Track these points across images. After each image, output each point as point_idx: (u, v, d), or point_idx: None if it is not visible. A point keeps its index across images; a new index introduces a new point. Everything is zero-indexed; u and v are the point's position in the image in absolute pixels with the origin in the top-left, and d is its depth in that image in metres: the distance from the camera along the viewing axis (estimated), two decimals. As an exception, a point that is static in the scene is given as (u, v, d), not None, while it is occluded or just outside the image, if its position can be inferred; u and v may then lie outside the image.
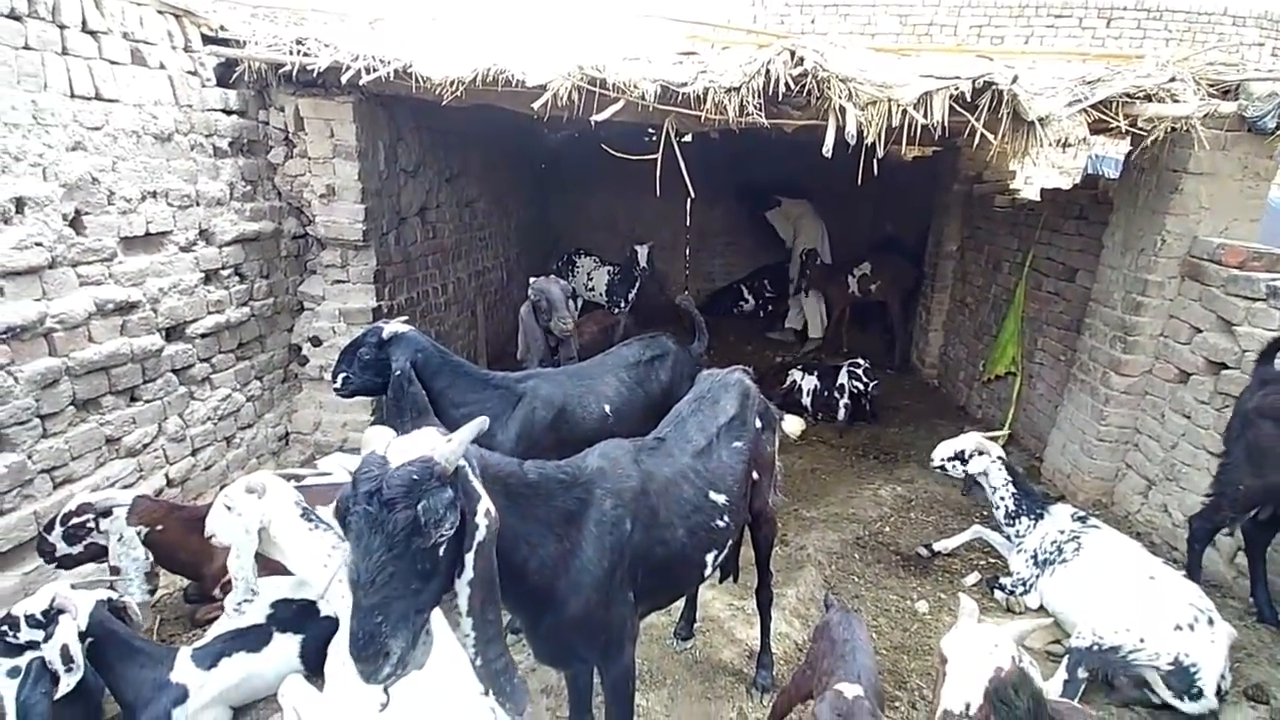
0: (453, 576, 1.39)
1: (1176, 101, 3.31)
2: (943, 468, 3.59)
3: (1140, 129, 3.37)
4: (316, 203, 4.08)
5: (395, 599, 1.28)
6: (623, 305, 6.69)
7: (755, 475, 2.38)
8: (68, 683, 2.27)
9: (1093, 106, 3.20)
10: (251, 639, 2.53)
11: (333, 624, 2.45)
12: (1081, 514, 3.29)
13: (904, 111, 2.99)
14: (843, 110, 3.00)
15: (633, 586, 1.85)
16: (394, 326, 2.86)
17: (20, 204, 2.70)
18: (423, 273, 5.05)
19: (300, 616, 2.62)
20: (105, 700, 2.45)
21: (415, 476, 1.29)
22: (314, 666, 2.48)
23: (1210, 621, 2.64)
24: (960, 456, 3.52)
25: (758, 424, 2.42)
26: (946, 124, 3.08)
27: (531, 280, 3.88)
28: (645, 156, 3.47)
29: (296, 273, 4.32)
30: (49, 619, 2.31)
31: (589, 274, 7.06)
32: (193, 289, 3.52)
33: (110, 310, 3.06)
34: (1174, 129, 3.31)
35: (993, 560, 3.66)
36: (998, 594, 3.30)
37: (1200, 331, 3.54)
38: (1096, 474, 4.10)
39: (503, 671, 1.49)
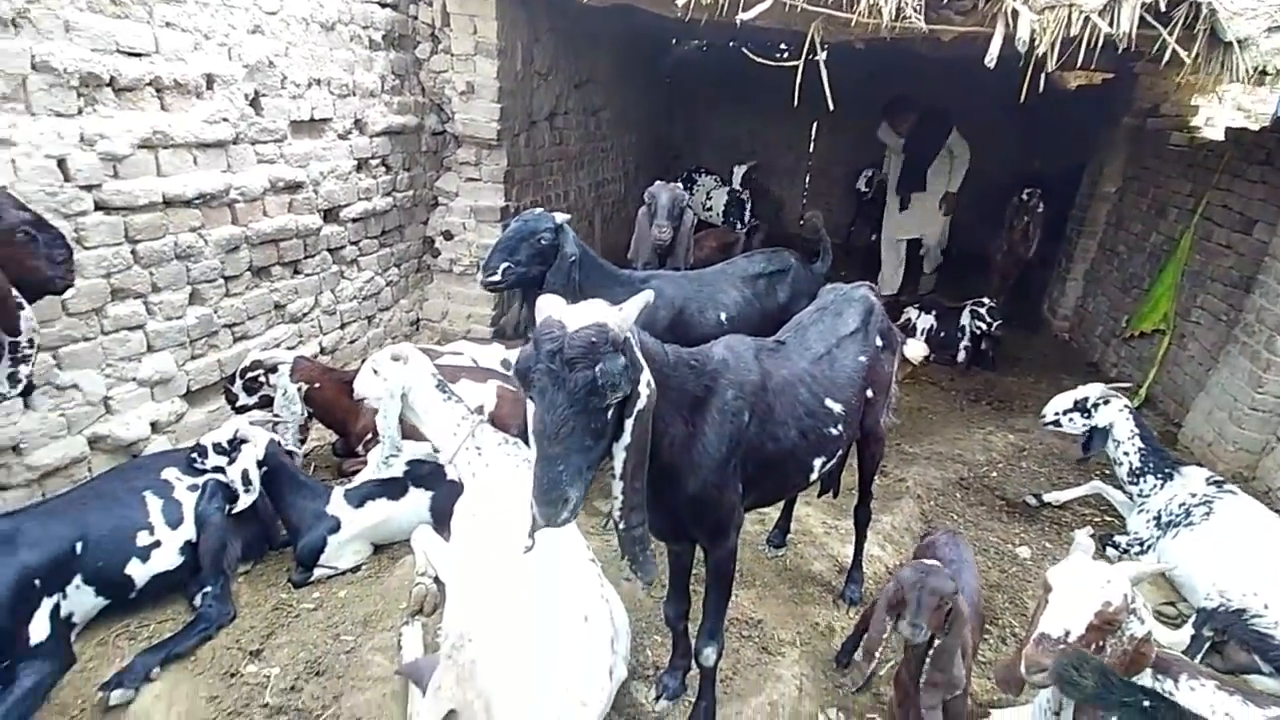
0: (614, 440, 1.45)
1: None
2: (1056, 422, 3.35)
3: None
4: (456, 100, 4.24)
5: (574, 451, 1.35)
6: (739, 226, 6.57)
7: (871, 393, 2.36)
8: (246, 501, 2.68)
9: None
10: (393, 489, 2.86)
11: (457, 486, 2.71)
12: (1218, 479, 3.07)
13: (1086, 18, 2.69)
14: (1014, 14, 2.74)
15: (742, 477, 1.91)
16: (560, 215, 2.88)
17: (210, 80, 2.98)
18: (548, 178, 5.17)
19: (432, 476, 2.92)
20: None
21: (594, 339, 1.34)
22: (441, 520, 2.77)
23: (1350, 602, 2.46)
24: (1082, 406, 3.30)
25: (878, 341, 2.40)
26: (1134, 37, 2.75)
27: (655, 183, 3.86)
28: (787, 63, 3.32)
29: (434, 168, 4.54)
30: (233, 447, 2.70)
31: (709, 193, 6.96)
32: (347, 175, 3.79)
33: (281, 188, 3.37)
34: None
35: (1110, 519, 3.50)
36: (1110, 552, 3.17)
37: (1402, 297, 3.10)
38: (1242, 445, 3.77)
39: (639, 540, 1.56)
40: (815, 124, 8.40)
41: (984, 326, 5.28)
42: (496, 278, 2.81)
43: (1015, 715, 2.26)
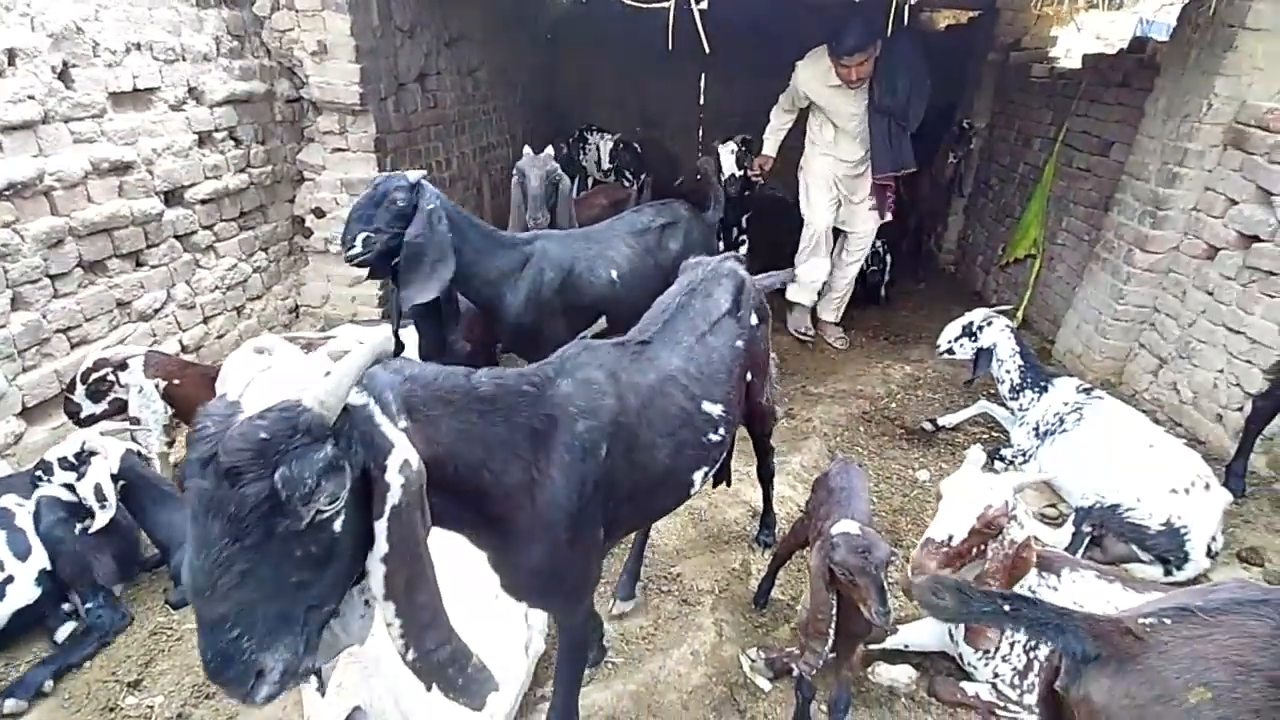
0: (364, 553, 1.07)
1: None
2: (950, 350, 3.53)
3: (1200, -27, 3.07)
4: (309, 61, 3.87)
5: (260, 600, 0.95)
6: (627, 183, 6.45)
7: (751, 375, 2.16)
8: (103, 518, 2.41)
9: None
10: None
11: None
12: (1087, 387, 3.29)
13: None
14: (877, -52, 2.73)
15: (604, 520, 1.57)
16: (414, 173, 2.61)
17: (12, 55, 2.58)
18: (425, 145, 4.86)
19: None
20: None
21: (265, 435, 0.92)
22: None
23: (1207, 487, 2.70)
24: (969, 331, 3.47)
25: (753, 320, 2.14)
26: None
27: (525, 151, 3.67)
28: (659, 4, 3.21)
29: (294, 140, 4.17)
30: (81, 461, 2.41)
31: (599, 151, 6.79)
32: (186, 151, 3.40)
33: (106, 170, 2.98)
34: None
35: (997, 435, 3.71)
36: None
37: (1236, 204, 3.38)
38: (1108, 353, 4.07)
39: (449, 662, 1.17)
40: (703, 75, 8.34)
41: (878, 268, 5.46)
42: (357, 249, 2.54)
43: (920, 628, 2.37)
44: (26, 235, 2.69)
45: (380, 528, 1.05)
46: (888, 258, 5.55)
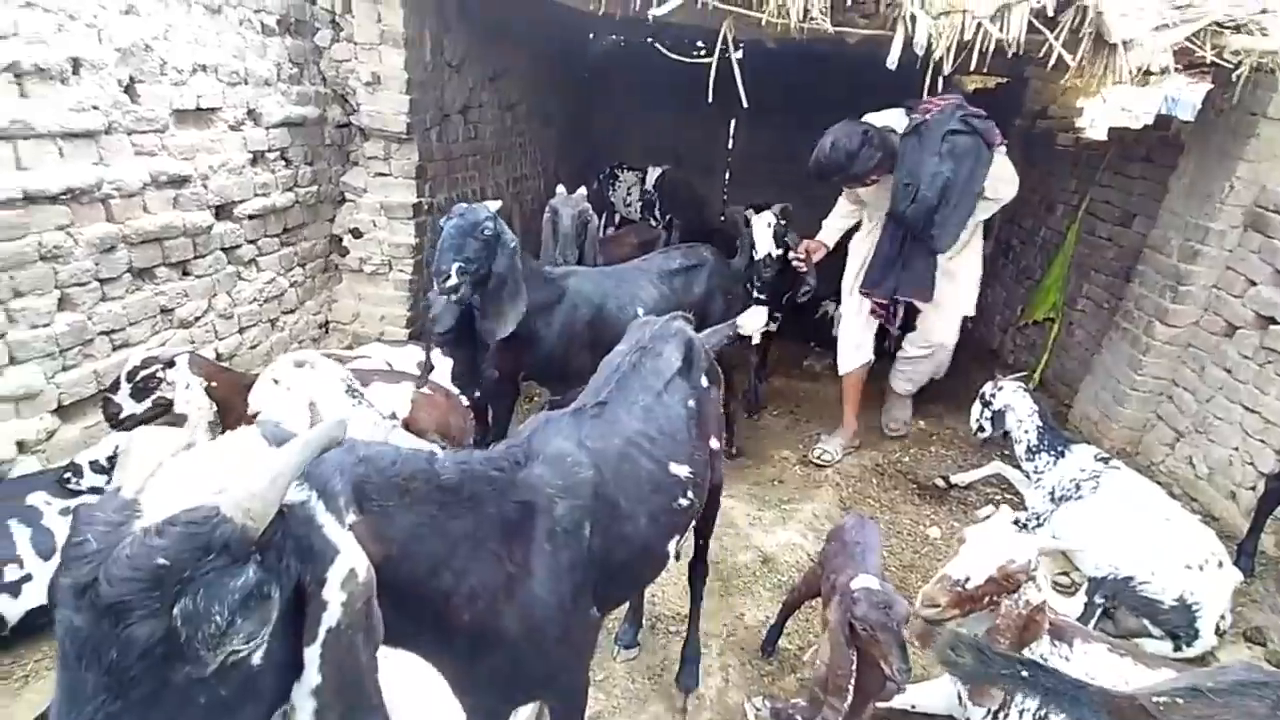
0: (288, 685, 0.85)
1: (1265, 35, 3.09)
2: (982, 427, 3.56)
3: (1225, 61, 3.17)
4: (361, 90, 4.03)
5: None
6: (654, 224, 6.59)
7: (714, 444, 2.04)
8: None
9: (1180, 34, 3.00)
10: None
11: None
12: (1104, 455, 3.30)
13: (979, 25, 2.83)
14: (913, 19, 2.85)
15: (594, 601, 1.47)
16: (492, 204, 2.65)
17: (77, 64, 2.71)
18: (463, 174, 5.02)
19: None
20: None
21: (164, 560, 0.70)
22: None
23: (1220, 565, 2.70)
24: (984, 400, 3.53)
25: (703, 381, 2.01)
26: (1022, 42, 2.92)
27: (559, 189, 3.79)
28: (700, 60, 3.34)
29: (339, 163, 4.32)
30: (113, 465, 2.47)
31: (629, 189, 6.95)
32: (240, 169, 3.54)
33: (164, 182, 3.11)
34: (1259, 67, 3.11)
35: (1009, 497, 3.71)
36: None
37: (1255, 285, 3.44)
38: (1125, 423, 4.08)
39: None
40: (733, 121, 8.54)
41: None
42: (453, 281, 2.53)
43: (928, 689, 2.36)
44: (80, 239, 2.80)
45: (312, 655, 0.83)
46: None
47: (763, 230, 3.78)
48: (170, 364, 2.77)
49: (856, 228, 3.97)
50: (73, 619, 0.70)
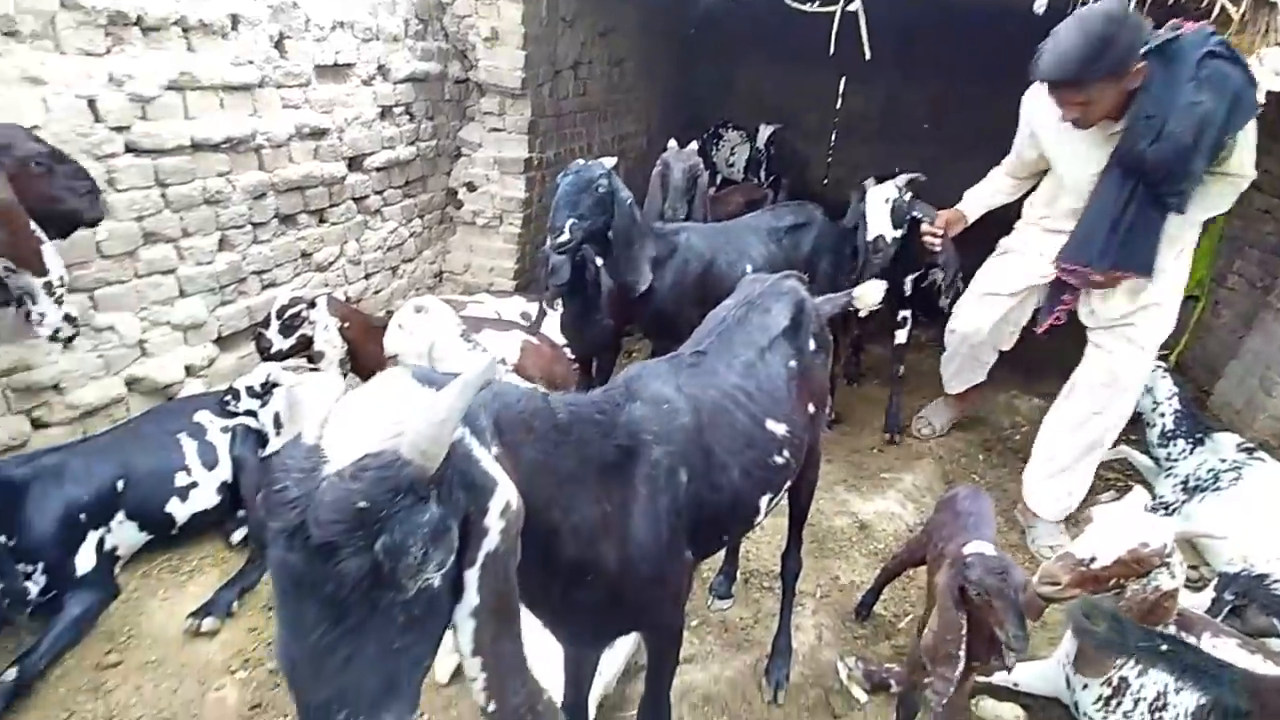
0: (453, 606, 0.93)
1: None
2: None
3: None
4: (480, 46, 4.14)
5: (365, 678, 0.83)
6: (759, 184, 6.46)
7: (812, 406, 1.94)
8: (277, 444, 2.73)
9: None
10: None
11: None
12: (1249, 445, 3.03)
13: (1142, -35, 2.54)
14: (1066, -40, 2.60)
15: (689, 545, 1.50)
16: (607, 160, 2.70)
17: (235, 20, 2.93)
18: (571, 129, 5.08)
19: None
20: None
21: (363, 503, 0.77)
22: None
23: (1374, 563, 2.45)
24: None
25: (811, 344, 1.95)
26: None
27: (670, 144, 3.76)
28: (821, 10, 3.22)
29: (457, 118, 4.48)
30: (265, 391, 2.74)
31: (733, 148, 6.82)
32: (370, 123, 3.75)
33: (306, 134, 3.34)
34: None
35: (1133, 484, 3.47)
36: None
37: None
38: (1272, 413, 3.70)
39: (523, 703, 1.05)
40: (844, 79, 8.17)
41: None
42: (565, 237, 2.56)
43: (1034, 669, 2.30)
44: (237, 185, 3.07)
45: (471, 578, 0.90)
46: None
47: (878, 207, 3.08)
48: (312, 304, 3.03)
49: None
50: (287, 558, 0.78)
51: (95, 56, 2.44)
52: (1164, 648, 1.15)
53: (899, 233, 3.13)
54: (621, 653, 2.13)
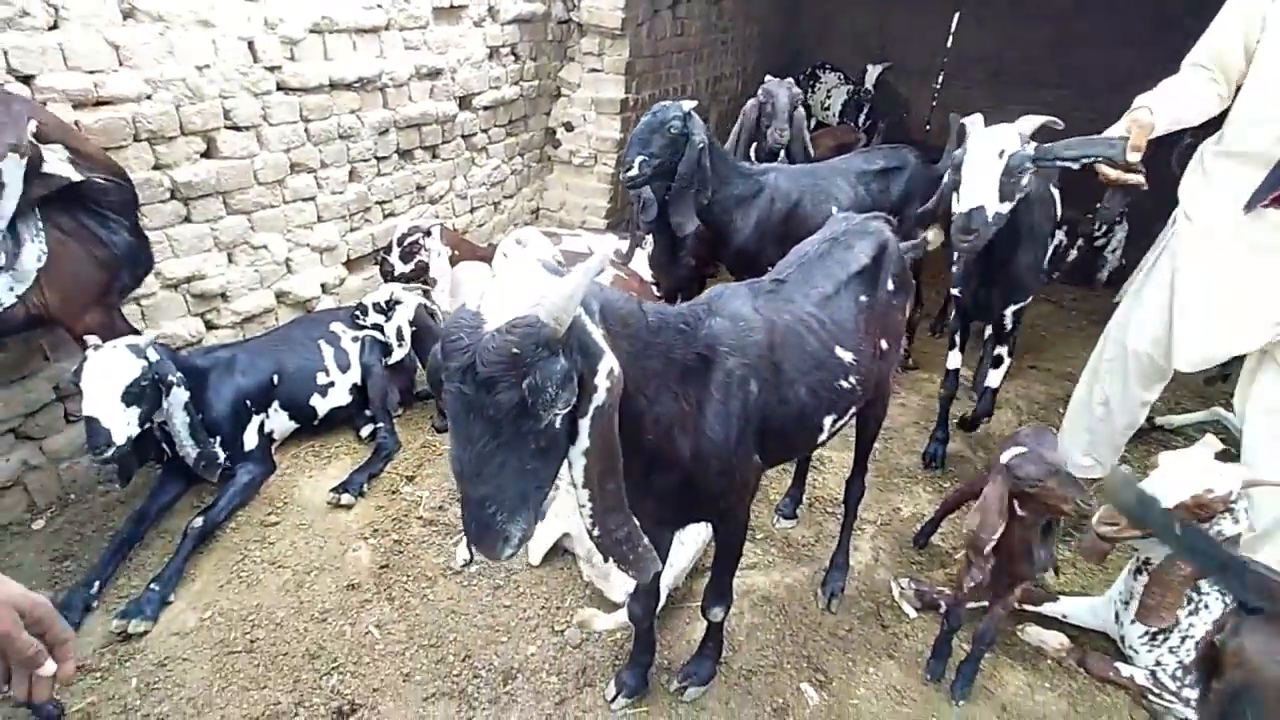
0: (569, 443, 1.19)
1: None
2: None
3: None
4: (583, -15, 4.27)
5: (509, 484, 1.11)
6: (855, 128, 6.30)
7: (885, 343, 2.04)
8: (399, 354, 3.12)
9: None
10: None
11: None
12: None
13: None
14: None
15: (757, 448, 1.69)
16: (687, 103, 2.81)
17: (365, -35, 3.20)
18: (666, 70, 5.15)
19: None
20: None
21: (517, 348, 1.03)
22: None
23: None
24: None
25: (890, 285, 2.05)
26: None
27: (766, 79, 3.77)
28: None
29: (558, 59, 4.65)
30: (389, 307, 3.11)
31: (829, 92, 6.66)
32: (480, 63, 3.99)
33: (424, 74, 3.62)
34: None
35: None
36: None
37: None
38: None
39: (625, 540, 1.31)
40: (957, 15, 7.69)
41: (1104, 239, 4.89)
42: (634, 172, 2.72)
43: (1084, 603, 2.40)
44: (365, 122, 3.40)
45: (584, 425, 1.15)
46: (1120, 230, 4.88)
47: (985, 162, 2.23)
48: (428, 234, 3.35)
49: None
50: (461, 388, 1.05)
51: (253, 2, 2.77)
52: (1177, 529, 1.26)
53: (1007, 207, 2.26)
54: (691, 548, 2.39)
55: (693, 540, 2.39)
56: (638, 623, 2.01)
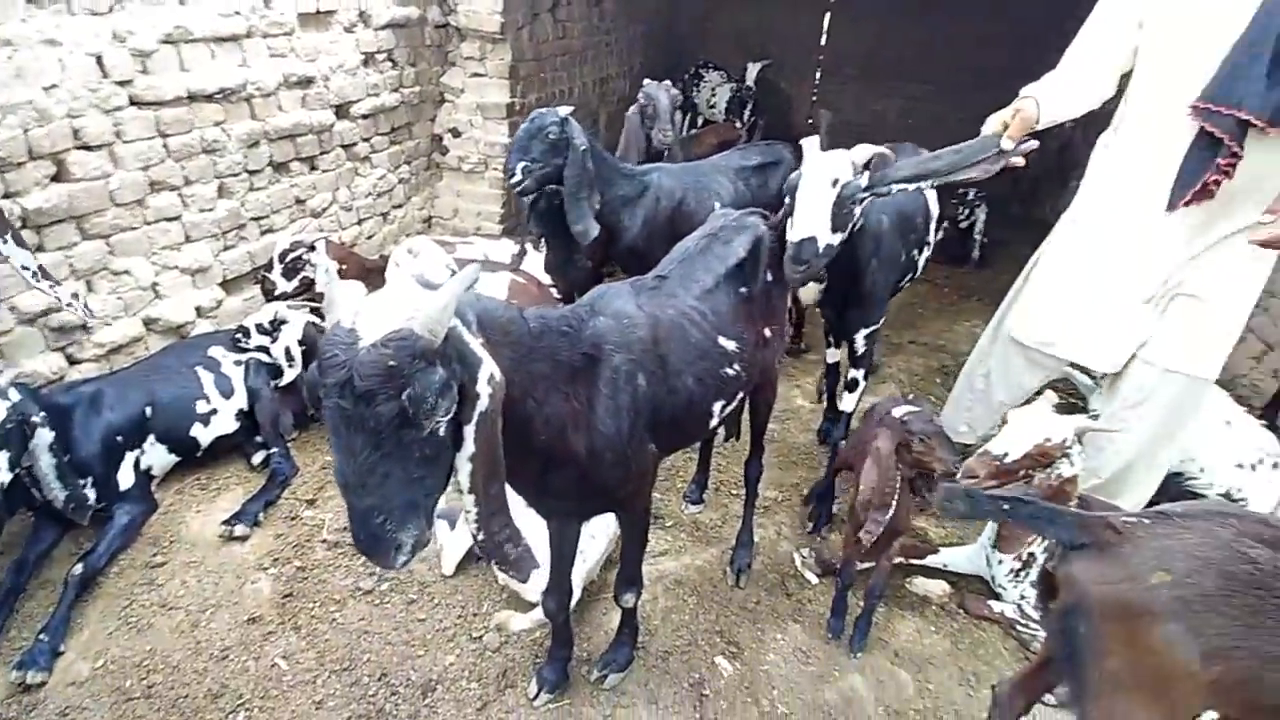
0: (455, 450, 1.22)
1: None
2: None
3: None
4: (458, -11, 4.22)
5: (395, 493, 1.14)
6: (739, 125, 6.55)
7: (767, 331, 2.18)
8: (290, 375, 3.00)
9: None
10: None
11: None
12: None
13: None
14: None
15: (651, 439, 1.76)
16: (563, 109, 2.85)
17: (220, -28, 3.05)
18: (552, 74, 5.17)
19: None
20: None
21: (392, 360, 1.06)
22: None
23: (1275, 466, 2.77)
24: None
25: (767, 275, 2.16)
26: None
27: (645, 82, 3.89)
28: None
29: (439, 64, 4.58)
30: (274, 328, 2.99)
31: (713, 89, 6.88)
32: (355, 70, 3.87)
33: (294, 83, 3.48)
34: None
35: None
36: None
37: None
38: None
39: (507, 540, 1.35)
40: (828, 15, 8.13)
41: (968, 221, 5.38)
42: (517, 178, 2.78)
43: (960, 552, 2.64)
44: (232, 135, 3.24)
45: (469, 431, 1.19)
46: (979, 211, 5.39)
47: (818, 190, 2.10)
48: (312, 248, 3.24)
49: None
50: (340, 403, 1.08)
51: (100, 15, 2.59)
52: (1006, 507, 1.44)
53: (839, 238, 2.16)
54: (603, 541, 2.45)
55: (603, 533, 2.45)
56: (553, 618, 2.05)
